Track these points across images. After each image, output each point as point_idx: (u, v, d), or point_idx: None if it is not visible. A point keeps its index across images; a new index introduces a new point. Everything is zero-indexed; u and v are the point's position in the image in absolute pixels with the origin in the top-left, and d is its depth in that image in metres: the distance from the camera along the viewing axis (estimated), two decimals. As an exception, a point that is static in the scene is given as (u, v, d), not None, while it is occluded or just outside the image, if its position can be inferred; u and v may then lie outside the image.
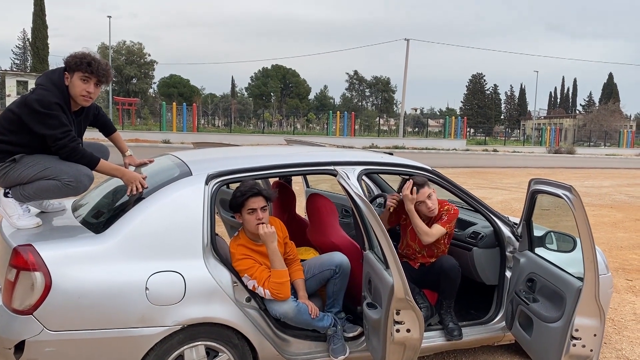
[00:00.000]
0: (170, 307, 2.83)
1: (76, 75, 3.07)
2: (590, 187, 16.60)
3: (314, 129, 62.95)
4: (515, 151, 41.63)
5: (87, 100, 3.14)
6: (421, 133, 64.51)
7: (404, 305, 2.65)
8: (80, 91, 3.08)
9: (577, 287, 2.84)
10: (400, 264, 2.61)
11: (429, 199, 3.73)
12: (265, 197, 3.20)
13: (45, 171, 3.00)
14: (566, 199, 2.80)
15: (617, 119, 69.54)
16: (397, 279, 2.59)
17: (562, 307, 2.95)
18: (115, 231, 2.86)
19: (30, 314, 2.65)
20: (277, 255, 3.12)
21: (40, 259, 2.67)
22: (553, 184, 3.04)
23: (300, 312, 3.13)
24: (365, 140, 36.85)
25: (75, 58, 3.08)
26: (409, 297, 2.64)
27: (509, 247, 3.77)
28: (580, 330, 2.81)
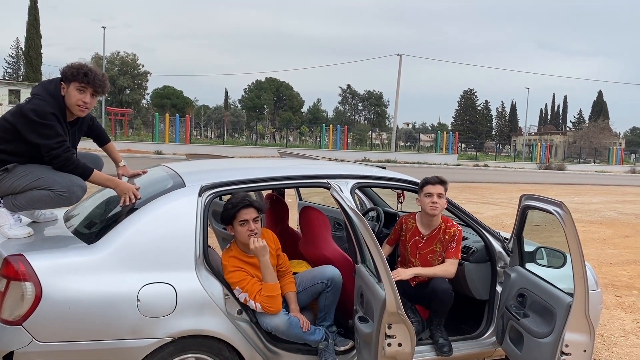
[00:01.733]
0: (161, 319, 2.82)
1: (72, 86, 3.07)
2: (580, 204, 16.71)
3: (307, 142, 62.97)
4: (506, 167, 41.89)
5: (83, 111, 3.14)
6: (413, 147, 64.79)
7: (395, 319, 2.66)
8: (76, 101, 3.08)
9: (567, 303, 2.86)
10: (393, 278, 2.61)
11: (438, 197, 3.69)
12: (256, 208, 3.20)
13: (37, 181, 2.99)
14: (557, 214, 2.82)
15: (607, 136, 70.19)
16: (390, 292, 2.60)
17: (553, 322, 2.97)
18: (108, 242, 2.86)
19: (19, 324, 2.62)
20: (269, 268, 3.12)
21: (31, 269, 2.65)
22: (544, 200, 3.07)
23: (291, 326, 3.12)
24: (357, 154, 36.94)
25: (72, 68, 3.08)
26: (401, 312, 2.64)
27: (500, 262, 3.79)
28: (570, 346, 2.82)
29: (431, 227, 3.82)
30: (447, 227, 3.79)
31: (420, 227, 3.88)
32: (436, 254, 3.83)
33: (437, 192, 3.71)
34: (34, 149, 3.00)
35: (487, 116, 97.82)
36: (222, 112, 77.21)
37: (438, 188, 3.71)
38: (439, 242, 3.81)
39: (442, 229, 3.79)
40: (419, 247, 3.86)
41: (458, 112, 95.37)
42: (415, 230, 3.89)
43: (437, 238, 3.81)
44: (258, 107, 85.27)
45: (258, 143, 46.29)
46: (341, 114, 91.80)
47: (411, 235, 3.90)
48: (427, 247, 3.83)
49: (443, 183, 3.73)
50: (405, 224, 3.98)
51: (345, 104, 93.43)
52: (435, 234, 3.81)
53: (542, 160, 47.53)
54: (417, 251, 3.86)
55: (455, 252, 3.75)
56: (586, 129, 75.37)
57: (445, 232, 3.78)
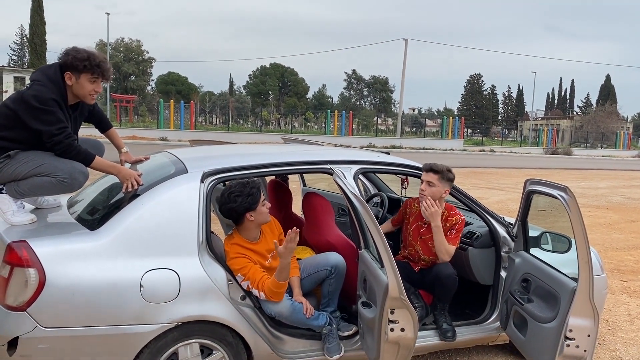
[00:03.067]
0: (164, 304, 2.83)
1: (84, 77, 3.07)
2: (586, 188, 16.63)
3: (312, 128, 62.85)
4: (512, 152, 41.69)
5: (94, 98, 3.19)
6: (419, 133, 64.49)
7: (398, 304, 2.65)
8: (89, 91, 3.11)
9: (572, 288, 2.85)
10: (395, 264, 2.60)
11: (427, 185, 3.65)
12: None
13: (39, 168, 2.99)
14: (561, 199, 2.80)
15: (614, 120, 69.64)
16: (392, 278, 2.59)
17: (557, 307, 2.95)
18: (110, 228, 2.86)
19: (23, 310, 2.64)
20: (287, 270, 3.05)
21: (34, 255, 2.66)
22: (548, 185, 3.04)
23: (295, 311, 3.12)
24: (363, 140, 36.84)
25: (82, 60, 3.05)
26: (404, 297, 2.64)
27: (504, 247, 3.78)
28: (574, 331, 2.81)
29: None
30: (449, 215, 3.76)
31: (422, 212, 3.85)
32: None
33: (427, 180, 3.67)
34: (35, 136, 3.00)
35: (494, 101, 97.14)
36: (226, 99, 77.07)
37: (428, 176, 3.67)
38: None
39: (445, 216, 3.76)
40: (420, 231, 3.84)
41: (464, 97, 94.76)
42: (418, 215, 3.87)
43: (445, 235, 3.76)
44: (263, 93, 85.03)
45: (263, 129, 46.26)
46: (346, 99, 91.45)
47: (414, 220, 3.89)
48: (429, 233, 3.80)
49: (435, 172, 3.66)
50: (409, 207, 3.97)
51: (351, 89, 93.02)
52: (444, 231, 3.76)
53: (548, 145, 47.28)
54: (418, 236, 3.84)
55: (453, 239, 3.71)
56: (593, 113, 74.81)
57: (447, 219, 3.75)
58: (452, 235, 3.71)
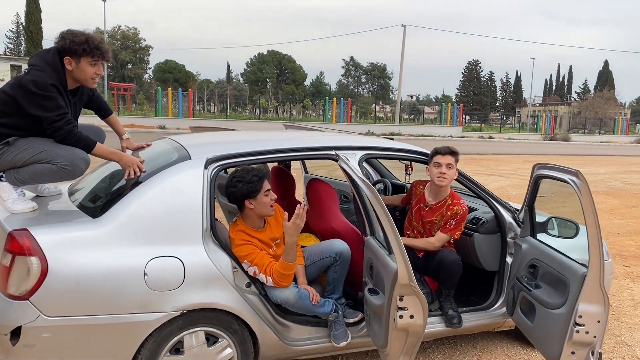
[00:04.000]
0: (169, 292, 2.79)
1: (84, 61, 3.00)
2: (586, 174, 16.11)
3: (310, 116, 62.62)
4: (511, 138, 41.61)
5: (96, 82, 3.13)
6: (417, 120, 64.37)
7: (407, 291, 2.62)
8: (91, 75, 3.05)
9: (582, 274, 2.81)
10: (405, 250, 2.55)
11: (447, 168, 3.62)
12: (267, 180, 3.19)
13: (40, 154, 2.93)
14: (572, 184, 2.76)
15: (612, 106, 69.57)
16: (402, 264, 2.55)
17: (566, 293, 2.92)
18: (113, 215, 2.81)
19: (26, 299, 2.60)
20: (294, 249, 3.03)
21: (36, 243, 2.62)
22: (559, 169, 3.00)
23: (301, 298, 3.09)
24: (361, 127, 36.70)
25: (80, 44, 2.97)
26: (414, 283, 2.60)
27: (510, 233, 3.75)
28: (584, 317, 2.78)
29: (437, 198, 3.77)
30: (452, 204, 3.72)
31: (427, 195, 3.84)
32: (435, 226, 3.78)
33: (447, 163, 3.63)
34: (35, 122, 2.94)
35: (492, 87, 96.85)
36: (224, 86, 76.66)
37: (447, 158, 3.64)
38: (440, 215, 3.75)
39: (447, 204, 3.73)
40: (422, 214, 3.82)
41: (462, 83, 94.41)
42: (421, 197, 3.85)
43: (439, 210, 3.75)
44: (260, 81, 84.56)
45: (262, 117, 46.08)
46: (344, 86, 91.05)
47: (417, 201, 3.87)
48: (429, 217, 3.79)
49: (454, 154, 3.65)
50: (415, 188, 3.96)
51: (349, 76, 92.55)
52: (440, 206, 3.75)
53: (547, 132, 47.21)
54: (420, 218, 3.82)
55: (452, 229, 3.68)
56: (591, 99, 74.66)
57: (449, 207, 3.72)
58: (451, 226, 3.68)
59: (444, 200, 3.75)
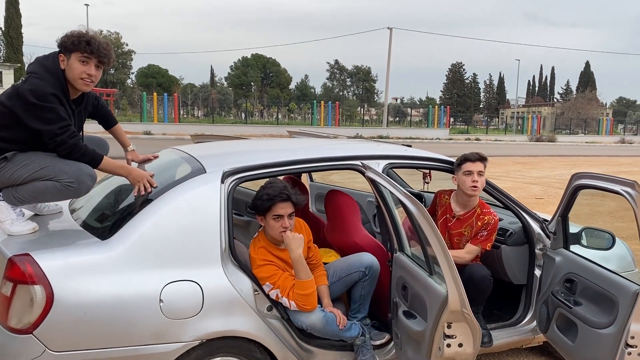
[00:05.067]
0: (187, 320, 2.54)
1: (74, 57, 2.71)
2: None
3: (296, 119, 62.29)
4: (498, 139, 41.72)
5: (88, 85, 2.78)
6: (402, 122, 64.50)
7: (458, 317, 2.39)
8: (79, 74, 2.72)
9: (634, 291, 2.62)
10: (458, 272, 2.32)
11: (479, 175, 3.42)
12: (294, 203, 2.89)
13: (41, 171, 2.66)
14: (627, 195, 2.56)
15: (594, 106, 70.43)
16: (453, 289, 2.32)
17: (614, 312, 2.72)
18: (124, 237, 2.55)
19: (30, 332, 2.34)
20: (302, 263, 2.81)
21: (39, 270, 2.35)
22: (610, 180, 2.80)
23: (328, 323, 2.85)
24: (349, 130, 36.47)
25: (71, 37, 2.70)
26: (467, 310, 2.37)
27: (539, 244, 3.55)
28: (636, 338, 2.59)
29: (466, 208, 3.56)
30: (482, 213, 3.51)
31: (453, 206, 3.61)
32: (463, 238, 3.56)
33: (478, 170, 3.43)
34: (35, 135, 2.67)
35: (475, 89, 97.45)
36: (208, 90, 75.97)
37: (478, 165, 3.43)
38: (469, 226, 3.54)
39: (477, 214, 3.52)
40: (448, 225, 3.60)
41: (446, 85, 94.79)
42: (447, 208, 3.63)
43: (468, 221, 3.54)
44: (245, 85, 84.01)
45: (248, 121, 45.70)
46: (329, 90, 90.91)
47: (442, 212, 3.65)
48: (456, 228, 3.57)
49: (483, 160, 3.45)
50: (440, 198, 3.73)
51: (334, 79, 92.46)
52: (468, 217, 3.54)
53: (532, 133, 47.46)
54: (446, 229, 3.59)
55: (483, 241, 3.47)
56: (574, 100, 75.54)
57: (479, 217, 3.51)
58: (482, 237, 3.47)
59: (472, 210, 3.54)
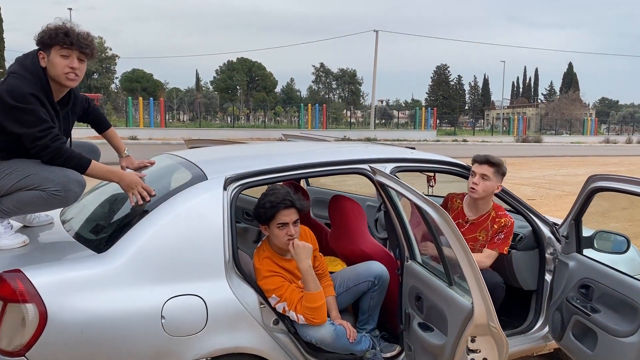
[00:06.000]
0: (190, 337, 2.38)
1: (54, 52, 2.52)
2: (567, 176, 16.59)
3: (282, 122, 62.09)
4: (485, 141, 41.88)
5: (73, 80, 2.58)
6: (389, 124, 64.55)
7: (483, 331, 2.26)
8: (62, 69, 2.53)
9: (658, 298, 2.51)
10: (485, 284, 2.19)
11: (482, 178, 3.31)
12: (298, 209, 2.75)
13: (25, 180, 2.47)
14: (654, 198, 2.45)
15: (578, 107, 71.08)
16: (479, 301, 2.18)
17: (637, 319, 2.61)
18: (121, 249, 2.38)
19: (22, 355, 2.16)
20: (311, 274, 2.67)
21: (31, 287, 2.18)
22: (630, 181, 2.69)
23: (338, 337, 2.71)
24: (337, 133, 36.33)
25: (48, 31, 2.53)
26: (494, 324, 2.23)
27: (549, 248, 3.44)
28: (661, 346, 2.48)
29: (479, 212, 3.44)
30: (497, 216, 3.40)
31: (466, 210, 3.49)
32: (478, 243, 3.44)
33: (481, 173, 3.33)
34: (17, 141, 2.48)
35: (460, 91, 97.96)
36: (194, 95, 75.55)
37: (483, 168, 3.33)
38: (484, 230, 3.42)
39: (492, 217, 3.40)
40: (461, 231, 3.44)
41: (431, 87, 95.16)
42: (460, 212, 3.51)
43: (483, 225, 3.42)
44: (231, 89, 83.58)
45: (235, 125, 45.41)
46: (315, 93, 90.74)
47: (454, 217, 3.51)
48: (470, 234, 3.44)
49: (491, 164, 3.33)
50: (451, 202, 3.60)
51: (319, 82, 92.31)
52: (482, 221, 3.42)
53: (519, 134, 47.76)
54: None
55: (501, 244, 3.36)
56: (558, 100, 76.18)
57: (494, 220, 3.40)
58: (499, 240, 3.34)
59: (487, 214, 3.43)
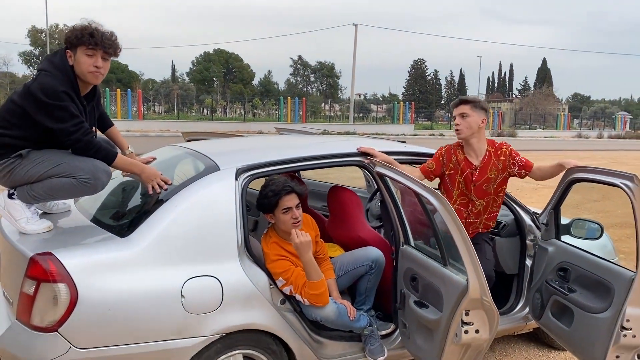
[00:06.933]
0: (208, 315, 2.59)
1: (80, 51, 2.71)
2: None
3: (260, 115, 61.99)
4: (461, 135, 42.46)
5: (97, 77, 2.77)
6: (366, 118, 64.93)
7: (476, 305, 2.51)
8: (87, 67, 2.72)
9: (629, 277, 2.80)
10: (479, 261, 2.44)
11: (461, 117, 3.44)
12: (298, 193, 2.99)
13: (57, 168, 2.65)
14: (626, 188, 2.73)
15: (551, 102, 72.46)
16: (474, 278, 2.43)
17: (609, 297, 2.90)
18: (143, 234, 2.58)
19: (54, 330, 2.35)
20: (313, 265, 2.88)
21: (63, 268, 2.37)
22: (607, 173, 2.97)
23: (340, 315, 2.95)
24: (317, 126, 36.52)
25: (75, 32, 2.71)
26: (486, 298, 2.49)
27: (530, 235, 3.73)
28: (631, 321, 2.77)
29: (480, 155, 3.53)
30: (496, 150, 3.54)
31: (469, 157, 3.55)
32: (492, 181, 3.52)
33: (459, 113, 3.45)
34: (48, 133, 2.66)
35: (437, 86, 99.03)
36: (170, 86, 74.74)
37: (460, 109, 3.46)
38: (493, 167, 3.51)
39: (492, 153, 3.54)
40: (473, 179, 3.52)
41: (408, 82, 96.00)
42: (466, 163, 3.54)
43: (490, 164, 3.52)
44: (207, 80, 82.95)
45: (214, 117, 45.24)
46: (293, 86, 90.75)
47: (463, 168, 3.54)
48: (482, 177, 3.51)
49: (466, 102, 3.45)
50: (454, 154, 3.57)
51: (297, 75, 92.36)
52: (487, 161, 3.52)
53: (494, 128, 48.58)
54: (471, 184, 3.52)
55: (526, 163, 3.58)
56: (532, 96, 77.51)
57: (497, 155, 3.53)
58: (522, 161, 3.58)
59: (487, 153, 3.53)
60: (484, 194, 3.54)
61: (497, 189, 3.56)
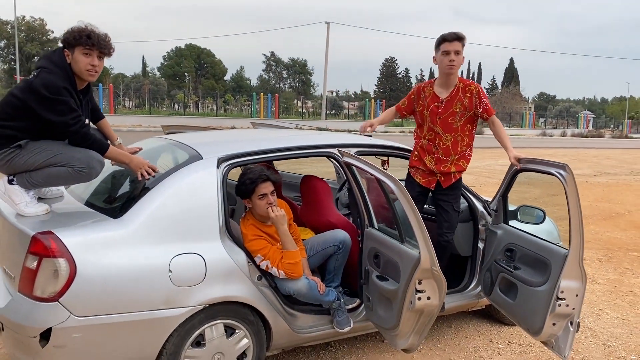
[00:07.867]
0: (192, 287, 2.90)
1: (77, 51, 2.99)
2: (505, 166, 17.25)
3: (232, 111, 61.91)
4: (430, 132, 43.23)
5: (93, 75, 3.05)
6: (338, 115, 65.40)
7: (427, 275, 2.89)
8: (84, 66, 2.99)
9: (563, 254, 3.20)
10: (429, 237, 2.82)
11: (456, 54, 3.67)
12: (272, 181, 3.32)
13: (54, 157, 2.93)
14: (560, 176, 3.12)
15: (518, 101, 74.02)
16: (425, 250, 2.81)
17: (547, 272, 3.30)
18: (134, 215, 2.88)
19: (55, 300, 2.63)
20: (288, 236, 3.25)
21: (63, 245, 2.65)
22: (546, 163, 3.37)
23: (311, 289, 3.29)
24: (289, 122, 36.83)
25: (73, 33, 2.99)
26: (435, 267, 2.87)
27: (482, 221, 4.13)
28: (565, 292, 3.17)
29: (449, 88, 3.81)
30: (465, 86, 3.80)
31: (438, 92, 3.84)
32: (457, 116, 3.81)
33: (454, 49, 3.69)
34: (46, 125, 2.93)
35: (408, 84, 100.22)
36: (140, 81, 73.97)
37: (455, 45, 3.69)
38: (459, 102, 3.80)
39: (460, 88, 3.80)
40: (438, 112, 3.83)
41: (380, 79, 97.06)
42: (433, 97, 3.87)
43: (456, 99, 3.81)
44: (179, 75, 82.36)
45: (186, 113, 45.06)
46: (265, 82, 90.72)
47: (430, 102, 3.87)
48: (447, 110, 3.81)
49: (461, 39, 3.69)
50: (423, 91, 3.93)
51: (270, 71, 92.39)
52: (454, 95, 3.81)
53: (462, 126, 49.51)
54: (436, 117, 3.83)
55: (491, 108, 3.84)
56: (499, 94, 79.02)
57: (464, 91, 3.80)
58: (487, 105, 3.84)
59: (455, 87, 3.80)
60: (450, 129, 3.84)
61: (463, 126, 3.85)
